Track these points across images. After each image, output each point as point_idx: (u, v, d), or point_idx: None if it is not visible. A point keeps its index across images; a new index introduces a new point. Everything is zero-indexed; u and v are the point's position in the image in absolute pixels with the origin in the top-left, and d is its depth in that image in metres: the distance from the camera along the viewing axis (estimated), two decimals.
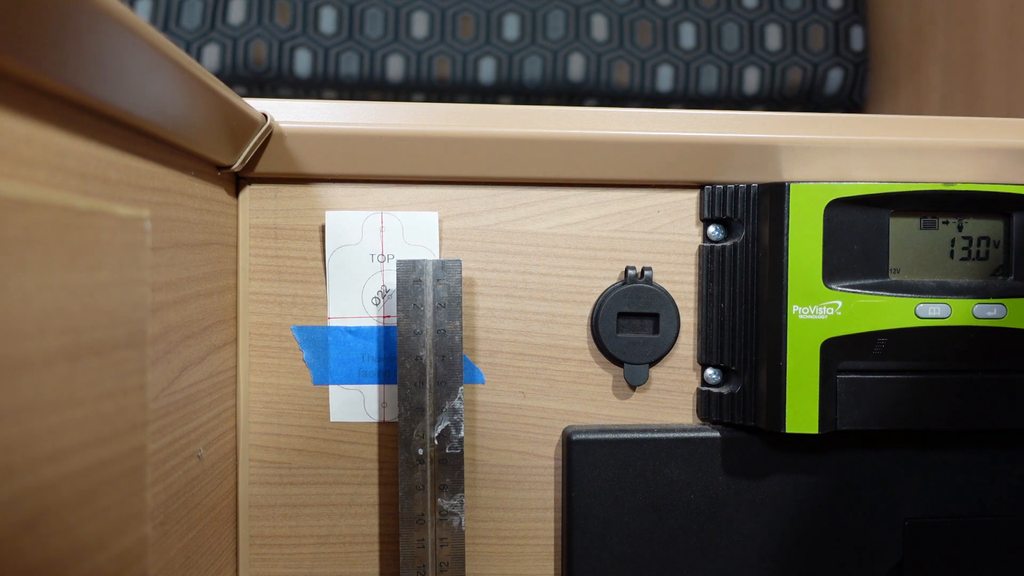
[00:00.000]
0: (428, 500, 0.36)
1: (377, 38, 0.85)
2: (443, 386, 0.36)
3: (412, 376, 0.36)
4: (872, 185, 0.36)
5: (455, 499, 0.36)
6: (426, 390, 0.36)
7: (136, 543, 0.25)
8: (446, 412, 0.36)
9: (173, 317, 0.30)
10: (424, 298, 0.36)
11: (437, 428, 0.36)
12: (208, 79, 0.28)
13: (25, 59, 0.18)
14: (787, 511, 0.39)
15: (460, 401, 0.36)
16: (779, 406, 0.36)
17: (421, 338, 0.36)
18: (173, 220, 0.30)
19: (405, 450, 0.36)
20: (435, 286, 0.36)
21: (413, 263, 0.36)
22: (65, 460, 0.20)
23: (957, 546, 0.40)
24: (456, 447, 0.36)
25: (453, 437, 0.36)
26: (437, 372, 0.36)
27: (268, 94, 0.87)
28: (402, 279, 0.36)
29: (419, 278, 0.36)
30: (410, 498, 0.36)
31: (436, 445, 0.36)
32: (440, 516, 0.37)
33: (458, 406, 0.36)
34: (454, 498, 0.36)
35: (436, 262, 0.36)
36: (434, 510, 0.36)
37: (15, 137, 0.19)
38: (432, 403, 0.36)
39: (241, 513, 0.39)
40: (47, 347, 0.19)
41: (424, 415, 0.36)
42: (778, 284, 0.36)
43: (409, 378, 0.36)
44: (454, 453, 0.36)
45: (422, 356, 0.36)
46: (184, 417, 0.31)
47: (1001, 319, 0.36)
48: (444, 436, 0.36)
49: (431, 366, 0.36)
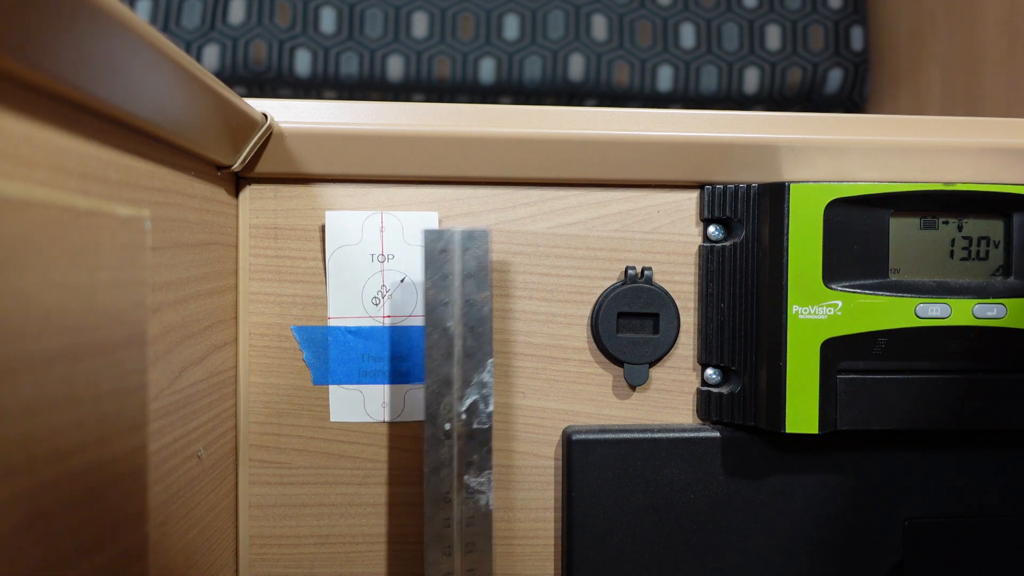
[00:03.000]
0: (454, 478, 0.35)
1: (377, 38, 0.85)
2: (472, 359, 0.35)
3: (439, 348, 0.35)
4: (872, 185, 0.36)
5: (483, 477, 0.35)
6: (453, 362, 0.35)
7: (136, 543, 0.25)
8: (474, 386, 0.35)
9: (173, 317, 0.30)
10: (452, 267, 0.35)
11: (465, 402, 0.35)
12: (208, 79, 0.28)
13: (25, 59, 0.18)
14: (787, 511, 0.39)
15: (490, 375, 0.35)
16: (779, 406, 0.36)
17: (449, 308, 0.35)
18: (173, 220, 0.30)
19: (431, 425, 0.35)
20: (463, 256, 0.35)
21: (439, 232, 0.35)
22: (65, 460, 0.20)
23: (957, 546, 0.40)
24: (484, 422, 0.35)
25: (481, 412, 0.35)
26: (465, 344, 0.35)
27: (268, 94, 0.87)
28: (429, 249, 0.35)
29: (446, 247, 0.35)
30: (436, 475, 0.35)
31: (463, 420, 0.35)
32: (467, 494, 0.35)
33: (487, 379, 0.35)
34: (481, 475, 0.35)
35: (464, 231, 0.35)
36: (460, 488, 0.35)
37: (15, 137, 0.19)
38: (460, 376, 0.35)
39: (241, 513, 0.39)
40: (47, 347, 0.19)
41: (451, 389, 0.35)
42: (778, 284, 0.36)
43: (436, 350, 0.35)
44: (482, 428, 0.35)
45: (450, 327, 0.35)
46: (184, 417, 0.31)
47: (1001, 319, 0.36)
48: (472, 411, 0.35)
49: (459, 337, 0.35)
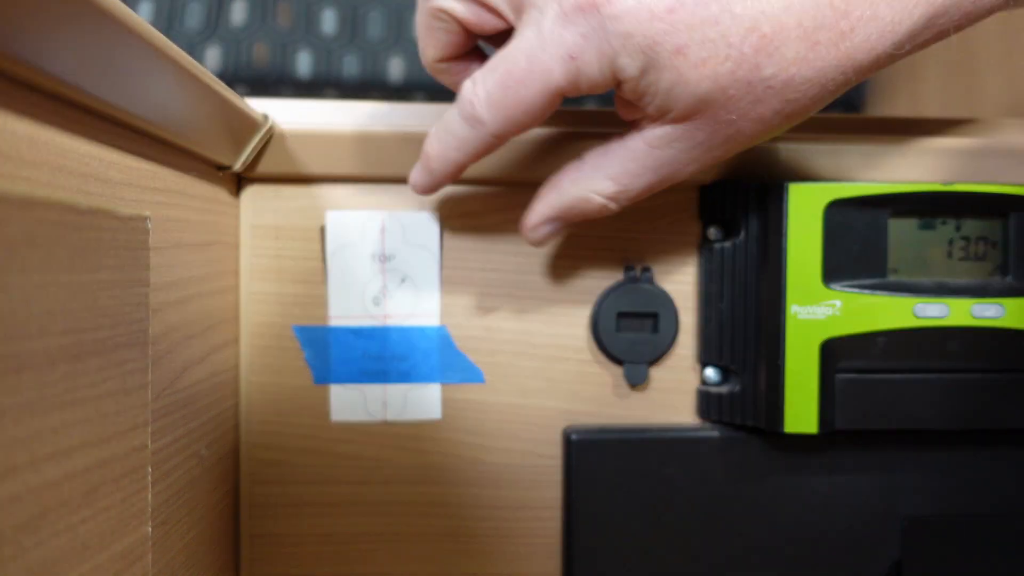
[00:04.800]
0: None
1: (378, 39, 0.85)
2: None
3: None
4: (871, 186, 0.36)
5: None
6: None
7: (137, 542, 0.25)
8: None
9: (174, 317, 0.30)
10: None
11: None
12: (209, 80, 0.28)
13: (26, 59, 0.18)
14: (786, 511, 0.39)
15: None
16: (778, 406, 0.36)
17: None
18: (174, 220, 0.30)
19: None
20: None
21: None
22: (67, 459, 0.20)
23: (956, 545, 0.40)
24: None
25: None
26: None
27: (269, 95, 0.87)
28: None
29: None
30: None
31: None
32: None
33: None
34: None
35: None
36: None
37: (16, 138, 0.19)
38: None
39: (242, 512, 0.39)
40: (49, 347, 0.19)
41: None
42: (777, 284, 0.36)
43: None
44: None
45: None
46: (185, 416, 0.31)
47: (999, 319, 0.36)
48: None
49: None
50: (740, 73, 0.28)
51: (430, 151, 0.33)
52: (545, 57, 0.28)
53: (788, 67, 0.28)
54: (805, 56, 0.27)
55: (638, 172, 0.31)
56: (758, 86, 0.28)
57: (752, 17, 0.27)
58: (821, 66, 0.28)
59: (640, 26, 0.27)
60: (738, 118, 0.29)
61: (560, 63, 0.28)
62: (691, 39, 0.27)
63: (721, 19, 0.27)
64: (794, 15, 0.27)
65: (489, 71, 0.30)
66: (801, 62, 0.27)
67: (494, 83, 0.29)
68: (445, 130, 0.32)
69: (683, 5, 0.27)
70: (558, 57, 0.28)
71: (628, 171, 0.31)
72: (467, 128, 0.31)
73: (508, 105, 0.29)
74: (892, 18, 0.27)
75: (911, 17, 0.28)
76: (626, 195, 0.32)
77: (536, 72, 0.28)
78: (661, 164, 0.31)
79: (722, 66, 0.27)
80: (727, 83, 0.28)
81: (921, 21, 0.28)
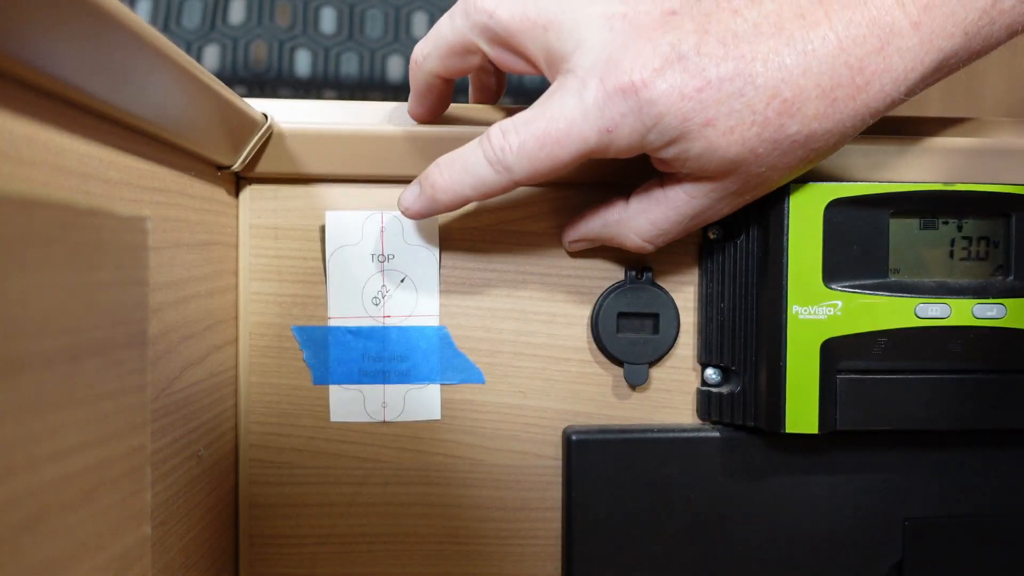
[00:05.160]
0: None
1: (377, 38, 0.85)
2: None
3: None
4: (872, 185, 0.36)
5: None
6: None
7: (136, 543, 0.25)
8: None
9: (173, 317, 0.30)
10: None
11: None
12: (208, 79, 0.28)
13: (25, 59, 0.18)
14: (787, 511, 0.39)
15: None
16: (779, 406, 0.36)
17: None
18: (173, 220, 0.30)
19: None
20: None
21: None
22: (65, 460, 0.20)
23: (957, 546, 0.40)
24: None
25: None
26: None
27: (268, 94, 0.87)
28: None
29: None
30: None
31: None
32: None
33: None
34: None
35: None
36: None
37: (15, 137, 0.19)
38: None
39: (241, 513, 0.39)
40: (48, 347, 0.19)
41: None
42: (778, 284, 0.36)
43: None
44: None
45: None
46: (184, 417, 0.31)
47: (1001, 319, 0.36)
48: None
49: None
50: (766, 135, 0.30)
51: (439, 182, 0.34)
52: (585, 126, 0.30)
53: (810, 123, 0.30)
54: (825, 112, 0.30)
55: (677, 219, 0.34)
56: (784, 142, 0.30)
57: (773, 86, 0.29)
58: (840, 118, 0.30)
59: (672, 106, 0.29)
60: (767, 169, 0.31)
61: (597, 133, 0.30)
62: (719, 112, 0.29)
63: (745, 91, 0.29)
64: (812, 78, 0.29)
65: (524, 124, 0.31)
66: (822, 117, 0.30)
67: (531, 137, 0.31)
68: (463, 168, 0.33)
69: (709, 84, 0.29)
70: (596, 128, 0.30)
71: (668, 218, 0.34)
72: (491, 172, 0.32)
73: (541, 159, 0.31)
74: (904, 67, 0.29)
75: (922, 64, 0.30)
76: (664, 238, 0.35)
77: (574, 136, 0.31)
78: (698, 212, 0.34)
79: (749, 131, 0.30)
80: (755, 144, 0.30)
81: (932, 66, 0.30)
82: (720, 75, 0.29)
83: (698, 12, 0.30)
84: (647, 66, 0.29)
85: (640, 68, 0.29)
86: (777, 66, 0.29)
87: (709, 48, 0.29)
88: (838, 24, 0.29)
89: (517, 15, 0.31)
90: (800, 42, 0.29)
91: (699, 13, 0.30)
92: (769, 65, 0.29)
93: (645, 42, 0.29)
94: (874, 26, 0.29)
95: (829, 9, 0.29)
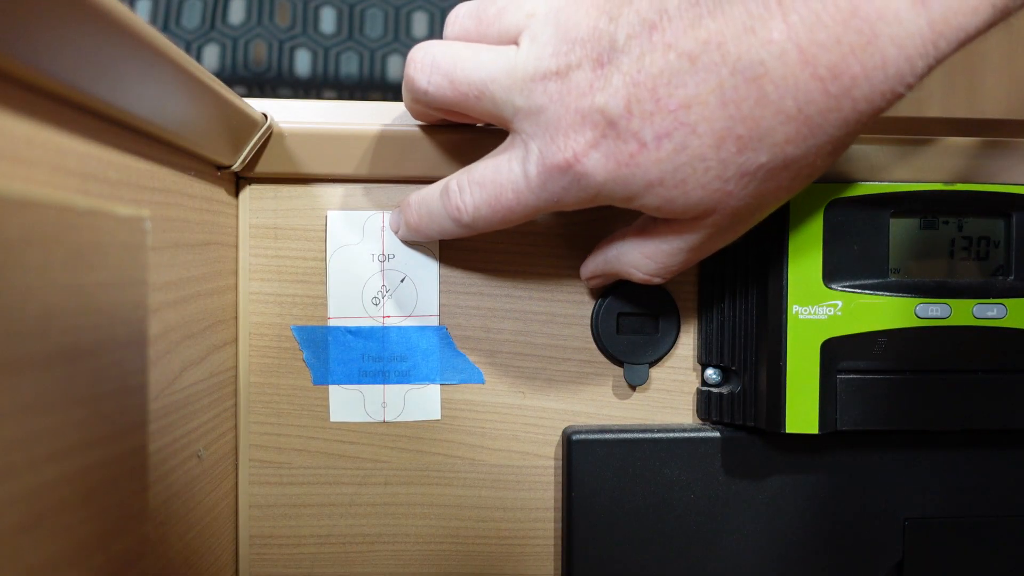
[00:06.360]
0: None
1: (377, 38, 0.85)
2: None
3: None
4: (872, 185, 0.36)
5: None
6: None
7: (136, 543, 0.25)
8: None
9: (173, 317, 0.30)
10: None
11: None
12: (208, 79, 0.28)
13: (25, 59, 0.18)
14: (787, 511, 0.39)
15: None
16: (779, 406, 0.36)
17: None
18: (173, 220, 0.30)
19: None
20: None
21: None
22: (65, 460, 0.20)
23: (957, 546, 0.40)
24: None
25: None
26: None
27: (268, 94, 0.87)
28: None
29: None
30: None
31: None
32: None
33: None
34: None
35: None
36: None
37: (15, 137, 0.19)
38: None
39: (241, 513, 0.39)
40: (47, 347, 0.19)
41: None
42: (778, 284, 0.36)
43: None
44: None
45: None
46: (184, 417, 0.31)
47: (1001, 319, 0.36)
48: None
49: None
50: (729, 174, 0.27)
51: (411, 221, 0.35)
52: (531, 197, 0.30)
53: (783, 149, 0.26)
54: (798, 133, 0.26)
55: (674, 252, 0.32)
56: (758, 173, 0.27)
57: (721, 128, 0.26)
58: (821, 134, 0.26)
59: (609, 176, 0.28)
60: (753, 199, 0.29)
61: (544, 203, 0.30)
62: (662, 171, 0.27)
63: (688, 143, 0.26)
64: (770, 105, 0.25)
65: (477, 185, 0.32)
66: (796, 140, 0.26)
67: (483, 201, 0.31)
68: (429, 216, 0.34)
69: (645, 146, 0.27)
70: (542, 199, 0.30)
71: (664, 251, 0.32)
72: (453, 225, 0.33)
73: (495, 221, 0.32)
74: (907, 56, 0.25)
75: (936, 48, 0.25)
76: (667, 271, 0.33)
77: (523, 204, 0.31)
78: (694, 246, 0.32)
79: (705, 176, 0.27)
80: (719, 185, 0.28)
81: (951, 47, 0.25)
82: (656, 133, 0.26)
83: (628, 58, 0.27)
84: (579, 140, 0.28)
85: (572, 144, 0.28)
86: (721, 103, 0.26)
87: (641, 105, 0.26)
88: (799, 29, 0.24)
89: (445, 88, 0.31)
90: (750, 66, 0.25)
91: (630, 59, 0.27)
92: (710, 106, 0.26)
93: (574, 113, 0.28)
94: (853, 19, 0.24)
95: (787, 11, 0.24)
